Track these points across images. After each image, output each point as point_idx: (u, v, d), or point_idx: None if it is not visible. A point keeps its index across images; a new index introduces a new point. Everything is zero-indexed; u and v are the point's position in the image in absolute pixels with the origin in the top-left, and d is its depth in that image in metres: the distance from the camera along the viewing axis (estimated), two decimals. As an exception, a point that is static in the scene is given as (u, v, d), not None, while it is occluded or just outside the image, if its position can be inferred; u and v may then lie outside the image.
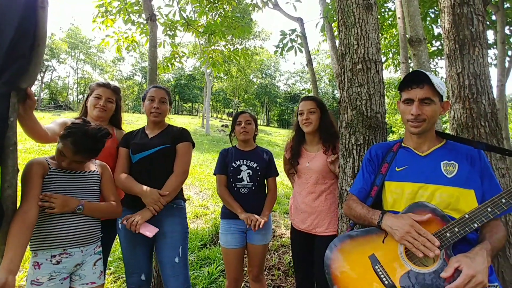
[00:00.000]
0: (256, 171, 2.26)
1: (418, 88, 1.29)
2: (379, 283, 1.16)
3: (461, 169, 1.25)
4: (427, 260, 1.15)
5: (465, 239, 1.14)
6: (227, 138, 19.73)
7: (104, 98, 2.02)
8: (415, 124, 1.31)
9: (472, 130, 1.81)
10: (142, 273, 1.87)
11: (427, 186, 1.27)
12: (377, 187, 1.43)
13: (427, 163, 1.33)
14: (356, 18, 1.87)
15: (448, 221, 1.14)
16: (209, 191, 6.36)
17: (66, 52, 42.90)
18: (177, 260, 1.85)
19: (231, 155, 2.33)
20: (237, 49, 5.06)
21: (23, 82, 1.37)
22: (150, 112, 2.01)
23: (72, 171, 1.56)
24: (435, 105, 1.29)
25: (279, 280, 3.10)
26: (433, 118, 1.30)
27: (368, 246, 1.27)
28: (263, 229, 2.18)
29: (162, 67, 4.70)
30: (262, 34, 34.42)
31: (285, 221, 4.97)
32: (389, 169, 1.42)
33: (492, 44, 6.05)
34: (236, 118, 2.38)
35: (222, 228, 2.26)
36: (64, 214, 1.46)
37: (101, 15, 4.35)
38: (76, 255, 1.47)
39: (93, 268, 1.54)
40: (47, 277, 1.38)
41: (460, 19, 1.92)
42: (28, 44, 1.38)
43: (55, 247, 1.42)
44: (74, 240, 1.46)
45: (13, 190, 1.31)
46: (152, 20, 3.02)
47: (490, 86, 1.86)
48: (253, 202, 2.22)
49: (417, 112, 1.29)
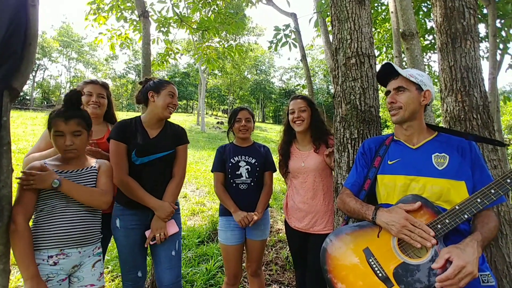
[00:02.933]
0: (255, 167, 2.27)
1: (393, 79, 1.42)
2: (373, 275, 1.18)
3: (452, 161, 1.27)
4: (420, 251, 1.17)
5: (457, 230, 1.16)
6: (223, 135, 19.73)
7: (95, 94, 2.01)
8: (392, 112, 1.41)
9: (465, 122, 1.84)
10: (138, 270, 1.89)
11: (418, 178, 1.29)
12: (370, 180, 1.46)
13: (418, 156, 1.35)
14: (349, 13, 1.88)
15: (439, 213, 1.16)
16: (205, 188, 6.36)
17: (58, 50, 42.40)
18: (173, 253, 1.91)
19: (228, 151, 2.32)
20: (232, 45, 5.04)
21: (15, 81, 1.36)
22: (168, 107, 1.96)
23: (68, 171, 1.53)
24: (409, 93, 1.36)
25: (276, 275, 3.12)
26: (409, 106, 1.36)
27: (363, 239, 1.29)
28: (262, 224, 2.21)
29: (157, 64, 4.67)
30: (256, 30, 34.30)
31: (282, 217, 5.00)
32: (381, 163, 1.44)
33: (484, 37, 6.10)
34: (236, 115, 2.32)
35: (221, 225, 2.26)
36: (61, 214, 1.44)
37: (93, 12, 4.30)
38: (73, 256, 1.45)
39: (92, 270, 1.52)
40: (44, 278, 1.36)
41: (452, 12, 1.93)
42: (19, 42, 1.36)
43: (51, 247, 1.41)
44: (71, 240, 1.44)
45: (8, 190, 1.30)
46: (144, 17, 3.00)
47: (482, 79, 1.88)
48: (252, 197, 2.23)
49: (390, 100, 1.40)
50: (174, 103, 1.97)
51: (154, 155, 1.88)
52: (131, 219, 1.86)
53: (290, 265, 3.29)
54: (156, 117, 1.94)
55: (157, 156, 1.89)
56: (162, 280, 1.87)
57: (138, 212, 1.86)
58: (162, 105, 1.91)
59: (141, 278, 1.90)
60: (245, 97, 48.78)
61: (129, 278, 1.87)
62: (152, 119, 1.95)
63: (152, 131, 1.95)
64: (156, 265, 1.91)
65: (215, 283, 2.87)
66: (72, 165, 1.57)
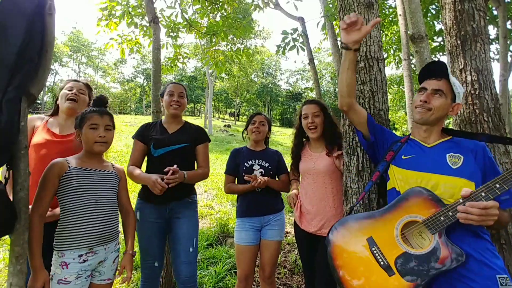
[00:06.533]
0: (268, 170, 2.33)
1: (435, 80, 1.36)
2: (376, 263, 1.22)
3: (466, 161, 1.27)
4: (422, 242, 1.21)
5: (461, 224, 1.16)
6: (230, 138, 19.69)
7: (76, 89, 1.96)
8: (420, 110, 1.37)
9: (475, 125, 1.83)
10: (155, 260, 2.01)
11: (431, 175, 1.29)
12: (379, 173, 1.48)
13: (433, 154, 1.35)
14: (357, 17, 1.88)
15: (443, 206, 1.18)
16: (213, 191, 6.39)
17: (68, 55, 43.14)
18: (191, 249, 2.02)
19: (242, 155, 2.38)
20: (239, 49, 5.08)
21: (32, 87, 1.40)
22: (170, 105, 2.11)
23: (92, 169, 1.59)
24: (445, 100, 1.34)
25: (285, 278, 3.12)
26: (439, 111, 1.34)
27: (367, 229, 1.31)
28: (277, 225, 2.26)
29: (166, 68, 4.73)
30: (263, 33, 34.41)
31: (290, 220, 4.99)
32: (394, 157, 1.45)
33: (494, 39, 6.03)
34: (252, 118, 2.45)
35: (237, 226, 2.31)
36: (91, 213, 1.50)
37: (105, 18, 4.38)
38: (100, 253, 1.52)
39: (112, 265, 1.59)
40: (74, 276, 1.43)
41: (462, 15, 1.93)
42: (36, 50, 1.40)
43: (82, 246, 1.46)
44: (100, 239, 1.51)
45: (26, 192, 1.34)
46: (155, 23, 3.05)
47: (493, 81, 1.87)
48: (266, 200, 2.27)
49: (425, 99, 1.35)
50: (174, 100, 2.11)
51: (169, 147, 2.04)
52: (150, 212, 2.01)
53: (298, 268, 3.28)
54: (168, 114, 2.17)
55: (173, 148, 2.04)
56: (180, 273, 1.99)
57: (156, 206, 2.01)
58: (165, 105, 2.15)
59: (157, 268, 2.03)
60: (252, 100, 48.85)
61: (146, 266, 2.01)
62: (168, 117, 2.19)
63: (171, 128, 2.16)
64: (174, 259, 2.03)
65: (224, 286, 2.89)
66: (94, 163, 1.63)
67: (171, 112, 2.12)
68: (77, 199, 1.49)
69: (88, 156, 1.62)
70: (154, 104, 2.84)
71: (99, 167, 1.63)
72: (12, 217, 1.29)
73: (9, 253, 1.33)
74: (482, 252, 1.17)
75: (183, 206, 2.06)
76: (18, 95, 1.32)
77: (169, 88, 2.15)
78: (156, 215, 2.01)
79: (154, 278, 2.04)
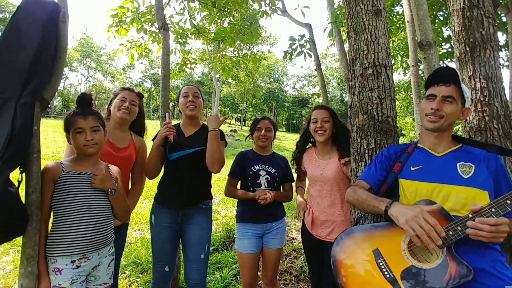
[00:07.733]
0: (274, 177, 2.30)
1: (444, 86, 1.31)
2: (381, 276, 1.19)
3: (478, 170, 1.24)
4: (429, 257, 1.17)
5: (469, 239, 1.14)
6: (236, 143, 19.64)
7: (128, 101, 2.03)
8: (432, 119, 1.33)
9: (485, 132, 1.81)
10: (166, 265, 2.03)
11: (442, 186, 1.26)
12: (388, 185, 1.44)
13: (443, 164, 1.32)
14: (365, 24, 1.89)
15: (451, 220, 1.14)
16: (219, 196, 6.39)
17: (78, 60, 43.90)
18: (202, 256, 2.02)
19: (249, 159, 2.35)
20: (246, 54, 5.13)
21: (46, 92, 1.44)
22: (186, 106, 2.10)
23: (86, 173, 1.55)
24: (456, 106, 1.30)
25: (291, 285, 3.10)
26: (451, 117, 1.31)
27: (373, 240, 1.29)
28: (279, 233, 2.24)
29: (174, 73, 4.80)
30: (269, 39, 34.58)
31: (296, 226, 4.96)
32: (402, 169, 1.41)
33: (503, 46, 5.98)
34: (257, 124, 2.38)
35: (238, 232, 2.28)
36: (83, 219, 1.47)
37: (115, 24, 4.47)
38: (93, 258, 1.50)
39: (107, 269, 1.58)
40: (69, 282, 1.41)
41: (470, 22, 1.92)
42: (50, 56, 1.44)
43: (75, 253, 1.44)
44: (93, 245, 1.48)
45: (37, 195, 1.37)
46: (164, 29, 3.09)
47: (503, 88, 1.85)
48: (272, 207, 2.24)
49: (437, 107, 1.30)
50: (190, 101, 2.10)
51: (183, 151, 2.03)
52: (164, 216, 2.04)
53: (304, 275, 3.25)
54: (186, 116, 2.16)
55: (187, 152, 2.03)
56: (191, 277, 2.01)
57: (170, 211, 2.03)
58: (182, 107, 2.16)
59: (167, 273, 2.04)
60: (258, 105, 48.92)
61: (157, 270, 2.04)
62: (185, 119, 2.19)
63: (187, 131, 2.15)
64: (186, 263, 2.05)
65: (230, 292, 2.88)
66: (89, 165, 1.58)
67: (188, 113, 2.11)
68: (70, 205, 1.46)
69: (82, 158, 1.58)
70: (163, 109, 2.88)
71: (93, 169, 1.58)
72: (24, 219, 1.32)
73: (20, 254, 1.36)
74: (492, 263, 1.14)
75: (196, 212, 2.06)
76: (32, 100, 1.36)
77: (183, 91, 2.14)
78: (170, 219, 2.03)
79: (164, 282, 2.06)
